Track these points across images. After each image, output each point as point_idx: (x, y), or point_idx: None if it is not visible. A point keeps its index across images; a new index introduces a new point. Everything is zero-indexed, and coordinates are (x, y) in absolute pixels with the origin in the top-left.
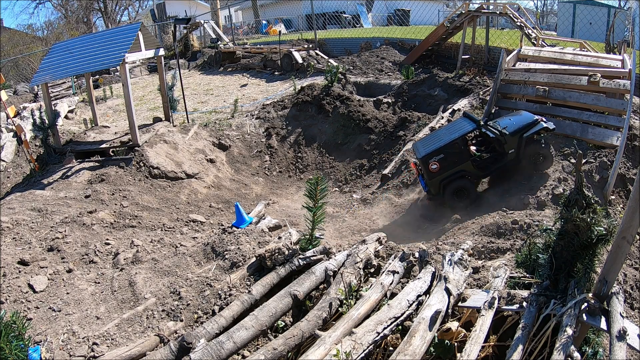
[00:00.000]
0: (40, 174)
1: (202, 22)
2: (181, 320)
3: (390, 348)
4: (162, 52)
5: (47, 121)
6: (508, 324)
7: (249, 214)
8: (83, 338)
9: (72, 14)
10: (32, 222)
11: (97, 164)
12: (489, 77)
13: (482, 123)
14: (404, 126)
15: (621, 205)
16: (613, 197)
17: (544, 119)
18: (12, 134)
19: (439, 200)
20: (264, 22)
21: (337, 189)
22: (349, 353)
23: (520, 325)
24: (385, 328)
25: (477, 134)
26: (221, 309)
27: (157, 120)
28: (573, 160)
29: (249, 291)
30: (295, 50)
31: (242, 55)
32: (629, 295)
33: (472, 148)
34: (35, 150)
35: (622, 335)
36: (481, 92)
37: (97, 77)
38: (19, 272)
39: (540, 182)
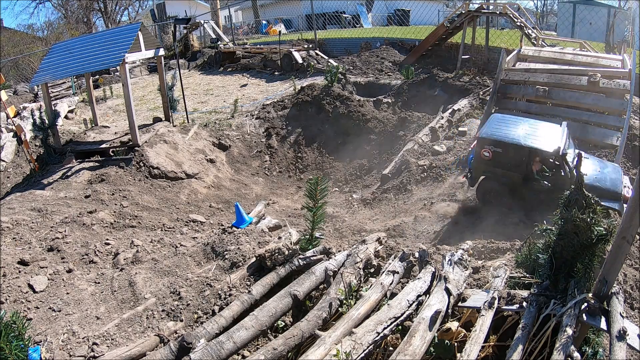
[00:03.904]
0: (40, 174)
1: (202, 22)
2: (181, 320)
3: (390, 348)
4: (162, 52)
5: (47, 121)
6: (508, 324)
7: (249, 214)
8: (83, 338)
9: (72, 14)
10: (32, 222)
11: (97, 164)
12: (489, 77)
13: (560, 153)
14: (404, 126)
15: None
16: None
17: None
18: (12, 134)
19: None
20: (264, 22)
21: (337, 189)
22: (349, 353)
23: (520, 325)
24: (385, 328)
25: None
26: (221, 309)
27: (157, 120)
28: None
29: (249, 291)
30: (295, 50)
31: (242, 55)
32: (629, 295)
33: (537, 167)
34: (35, 150)
35: (622, 335)
36: (481, 92)
37: (97, 77)
38: (19, 272)
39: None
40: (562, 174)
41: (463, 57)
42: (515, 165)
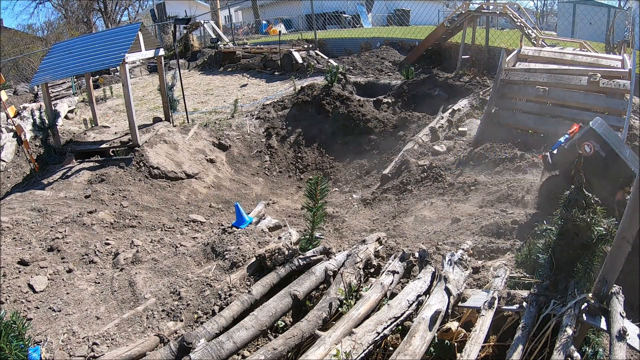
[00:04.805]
0: (40, 174)
1: (202, 22)
2: (181, 320)
3: (390, 348)
4: (162, 52)
5: (47, 121)
6: (508, 324)
7: (249, 214)
8: (83, 338)
9: (72, 14)
10: (32, 222)
11: (97, 164)
12: (489, 77)
13: None
14: (404, 126)
15: None
16: None
17: None
18: (12, 134)
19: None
20: (264, 22)
21: (337, 189)
22: (349, 353)
23: (520, 325)
24: (385, 328)
25: None
26: (221, 309)
27: (157, 120)
28: None
29: (249, 291)
30: (295, 50)
31: (242, 55)
32: (629, 295)
33: (621, 196)
34: (35, 150)
35: (622, 335)
36: (481, 92)
37: (97, 77)
38: (19, 272)
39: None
40: None
41: (463, 57)
42: (601, 177)
